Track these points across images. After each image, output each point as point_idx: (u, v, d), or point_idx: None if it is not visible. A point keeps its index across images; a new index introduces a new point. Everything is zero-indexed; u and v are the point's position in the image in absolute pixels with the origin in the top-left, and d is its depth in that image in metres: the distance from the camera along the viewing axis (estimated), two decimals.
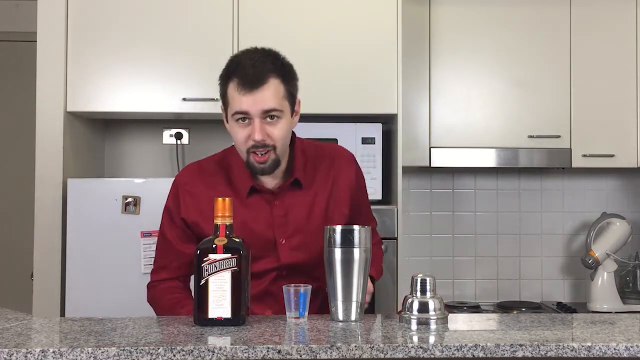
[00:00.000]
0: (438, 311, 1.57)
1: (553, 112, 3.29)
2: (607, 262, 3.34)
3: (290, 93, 1.82)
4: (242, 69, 1.76)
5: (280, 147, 1.80)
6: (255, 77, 1.74)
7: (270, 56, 1.81)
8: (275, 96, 1.76)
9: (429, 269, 3.50)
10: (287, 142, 1.85)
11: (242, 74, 1.75)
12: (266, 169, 1.81)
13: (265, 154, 1.78)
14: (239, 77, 1.76)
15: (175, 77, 2.96)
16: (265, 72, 1.75)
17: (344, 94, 2.98)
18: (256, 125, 1.76)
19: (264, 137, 1.76)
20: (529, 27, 3.31)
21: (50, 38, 2.92)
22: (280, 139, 1.79)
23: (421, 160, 3.26)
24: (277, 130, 1.78)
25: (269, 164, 1.80)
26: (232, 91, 1.78)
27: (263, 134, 1.76)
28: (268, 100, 1.75)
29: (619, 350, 1.38)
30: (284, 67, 1.81)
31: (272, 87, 1.76)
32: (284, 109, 1.79)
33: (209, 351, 1.34)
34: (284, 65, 1.82)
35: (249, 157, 1.80)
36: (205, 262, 1.53)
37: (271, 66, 1.77)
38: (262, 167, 1.80)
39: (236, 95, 1.76)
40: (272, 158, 1.80)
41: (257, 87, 1.74)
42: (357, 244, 1.60)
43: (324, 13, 3.00)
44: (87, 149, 3.21)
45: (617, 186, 3.66)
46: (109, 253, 2.81)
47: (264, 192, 1.87)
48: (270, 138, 1.77)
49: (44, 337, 1.49)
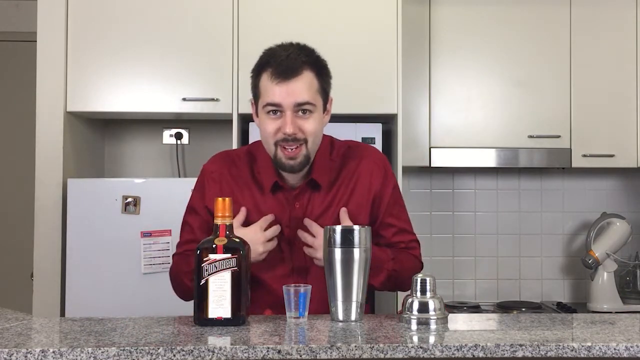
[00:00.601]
0: (438, 311, 1.57)
1: (553, 112, 3.29)
2: (607, 262, 3.34)
3: (323, 89, 1.77)
4: (276, 59, 1.72)
5: (312, 142, 1.74)
6: (289, 67, 1.70)
7: (305, 50, 1.77)
8: (309, 89, 1.72)
9: (429, 269, 3.48)
10: (318, 139, 1.78)
11: (276, 64, 1.71)
12: (296, 166, 1.75)
13: (295, 148, 1.72)
14: (272, 67, 1.71)
15: (175, 77, 2.97)
16: (299, 64, 1.71)
17: (344, 94, 2.94)
18: (288, 118, 1.70)
19: (295, 130, 1.70)
20: (529, 27, 3.31)
21: (50, 38, 2.92)
22: (313, 134, 1.73)
23: (421, 160, 3.26)
24: (309, 125, 1.72)
25: (299, 160, 1.74)
26: (264, 81, 1.72)
27: (295, 127, 1.70)
28: (301, 92, 1.70)
29: (619, 350, 1.38)
30: (319, 61, 1.77)
31: (307, 80, 1.71)
32: (317, 103, 1.74)
33: (209, 351, 1.34)
34: (319, 60, 1.78)
35: (277, 151, 1.74)
36: (205, 262, 1.53)
37: (306, 58, 1.74)
38: (291, 164, 1.74)
39: (269, 85, 1.71)
40: (304, 154, 1.74)
41: (291, 77, 1.69)
42: (357, 244, 1.60)
43: (324, 13, 3.00)
44: (87, 149, 3.21)
45: (617, 186, 3.66)
46: (109, 253, 2.81)
47: (285, 189, 1.82)
48: (301, 132, 1.71)
49: (44, 337, 1.49)
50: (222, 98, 2.96)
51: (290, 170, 1.76)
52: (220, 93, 2.97)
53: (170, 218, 2.78)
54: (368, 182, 1.85)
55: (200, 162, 1.99)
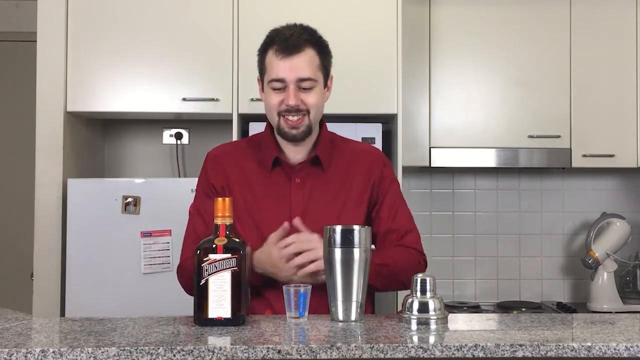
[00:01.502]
0: (438, 311, 1.57)
1: (553, 112, 3.29)
2: (607, 262, 3.34)
3: (324, 66, 1.87)
4: (280, 37, 1.83)
5: (314, 114, 1.84)
6: (292, 44, 1.81)
7: (308, 29, 1.88)
8: (311, 65, 1.82)
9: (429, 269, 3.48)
10: (320, 113, 1.88)
11: (280, 41, 1.82)
12: (298, 135, 1.84)
13: (298, 119, 1.82)
14: (277, 44, 1.82)
15: (175, 77, 2.97)
16: (302, 41, 1.83)
17: (344, 94, 2.97)
18: (291, 91, 1.81)
19: (297, 102, 1.81)
20: (529, 27, 3.31)
21: (50, 38, 2.92)
22: (315, 106, 1.84)
23: (421, 160, 3.26)
24: (311, 98, 1.83)
25: (302, 130, 1.83)
26: (270, 57, 1.83)
27: (297, 99, 1.81)
28: (303, 67, 1.81)
29: (619, 350, 1.38)
30: (320, 40, 1.88)
31: (308, 56, 1.82)
32: (318, 79, 1.85)
33: (209, 351, 1.34)
34: (321, 40, 1.89)
35: (280, 121, 1.84)
36: (205, 262, 1.53)
37: (308, 37, 1.85)
38: (294, 133, 1.83)
39: (274, 61, 1.82)
40: (306, 124, 1.83)
41: (294, 53, 1.81)
42: (357, 244, 1.60)
43: (324, 13, 3.00)
44: (87, 149, 3.21)
45: (617, 186, 3.66)
46: (109, 253, 2.81)
47: (285, 167, 1.88)
48: (304, 104, 1.82)
49: (44, 337, 1.49)
50: (222, 98, 2.97)
51: (292, 139, 1.85)
52: (220, 93, 2.97)
53: (170, 218, 2.78)
54: (368, 169, 1.93)
55: (200, 162, 1.99)
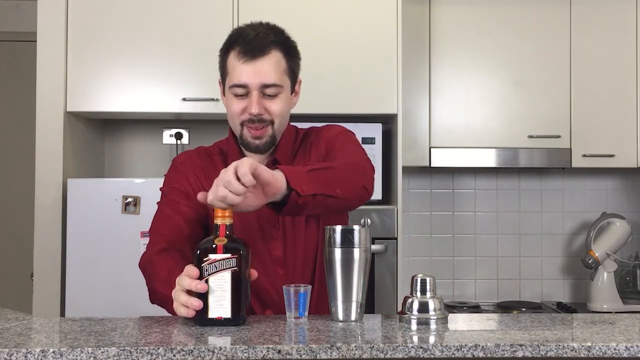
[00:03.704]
0: (438, 311, 1.57)
1: (553, 112, 3.29)
2: (607, 262, 3.34)
3: (291, 70, 1.74)
4: (244, 38, 1.69)
5: (279, 123, 1.72)
6: (257, 46, 1.67)
7: (274, 29, 1.74)
8: (276, 69, 1.69)
9: (429, 269, 3.50)
10: (285, 121, 1.75)
11: (243, 43, 1.68)
12: (261, 146, 1.72)
13: (261, 129, 1.70)
14: (240, 45, 1.68)
15: (175, 77, 2.97)
16: (267, 43, 1.68)
17: (344, 94, 2.98)
18: (254, 98, 1.68)
19: (261, 110, 1.68)
20: (529, 27, 3.31)
21: (50, 38, 2.92)
22: (279, 115, 1.70)
23: (421, 160, 3.26)
24: (275, 106, 1.70)
25: (265, 140, 1.71)
26: (231, 60, 1.70)
27: (260, 107, 1.68)
28: (268, 73, 1.67)
29: (619, 350, 1.38)
30: (288, 41, 1.74)
31: (274, 59, 1.68)
32: (284, 84, 1.71)
33: (209, 351, 1.34)
34: (289, 40, 1.75)
35: (243, 130, 1.72)
36: (205, 262, 1.52)
37: (274, 38, 1.70)
38: (257, 144, 1.72)
39: (236, 64, 1.68)
40: (269, 134, 1.71)
41: (258, 56, 1.67)
42: (357, 244, 1.60)
43: (324, 13, 3.00)
44: (87, 149, 3.21)
45: (617, 186, 3.66)
46: (109, 253, 2.81)
47: None
48: (267, 113, 1.69)
49: (44, 337, 1.49)
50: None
51: (255, 150, 1.74)
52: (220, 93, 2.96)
53: None
54: (321, 142, 1.79)
55: None
